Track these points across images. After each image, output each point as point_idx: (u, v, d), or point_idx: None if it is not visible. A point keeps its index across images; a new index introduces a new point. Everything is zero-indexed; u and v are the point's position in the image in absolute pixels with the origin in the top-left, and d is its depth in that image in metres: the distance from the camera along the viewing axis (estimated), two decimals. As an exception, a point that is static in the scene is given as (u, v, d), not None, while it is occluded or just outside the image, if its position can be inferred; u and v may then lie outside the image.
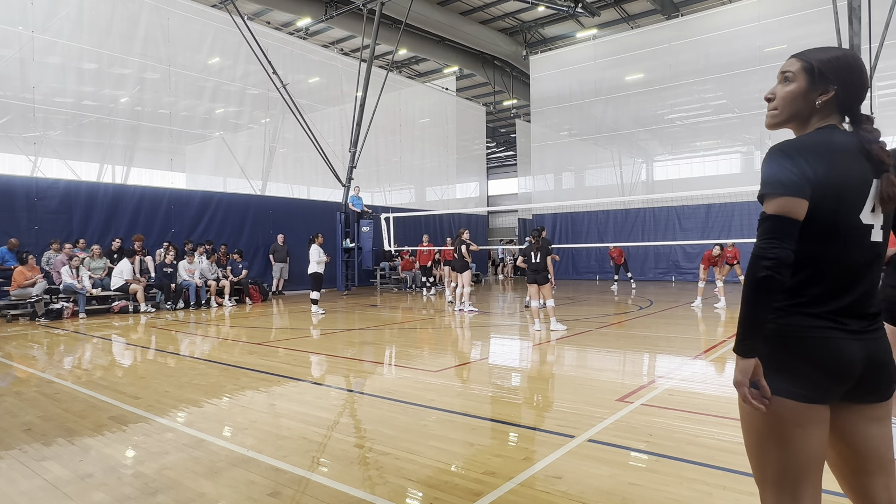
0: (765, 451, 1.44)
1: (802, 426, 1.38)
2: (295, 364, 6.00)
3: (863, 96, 1.48)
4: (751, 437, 1.47)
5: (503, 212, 34.11)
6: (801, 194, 1.37)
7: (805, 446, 1.39)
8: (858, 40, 10.49)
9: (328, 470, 3.01)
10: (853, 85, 1.47)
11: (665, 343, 7.27)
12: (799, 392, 1.38)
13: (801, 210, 1.37)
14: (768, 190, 1.40)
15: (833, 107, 1.48)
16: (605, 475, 2.86)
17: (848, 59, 1.48)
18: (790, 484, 1.41)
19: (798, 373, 1.38)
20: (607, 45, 21.37)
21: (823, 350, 1.38)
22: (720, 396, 4.49)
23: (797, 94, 1.50)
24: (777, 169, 1.40)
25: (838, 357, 1.37)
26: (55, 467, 3.06)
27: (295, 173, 19.32)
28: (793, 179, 1.37)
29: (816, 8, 15.26)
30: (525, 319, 9.72)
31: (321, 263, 11.15)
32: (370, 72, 16.10)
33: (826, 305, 1.39)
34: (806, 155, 1.39)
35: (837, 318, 1.39)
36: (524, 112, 28.70)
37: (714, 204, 18.83)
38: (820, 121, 1.50)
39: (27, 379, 5.38)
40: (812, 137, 1.46)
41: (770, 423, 1.41)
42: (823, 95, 1.47)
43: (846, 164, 1.40)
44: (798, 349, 1.39)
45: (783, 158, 1.40)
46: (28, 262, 10.23)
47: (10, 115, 12.62)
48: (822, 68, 1.47)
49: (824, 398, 1.40)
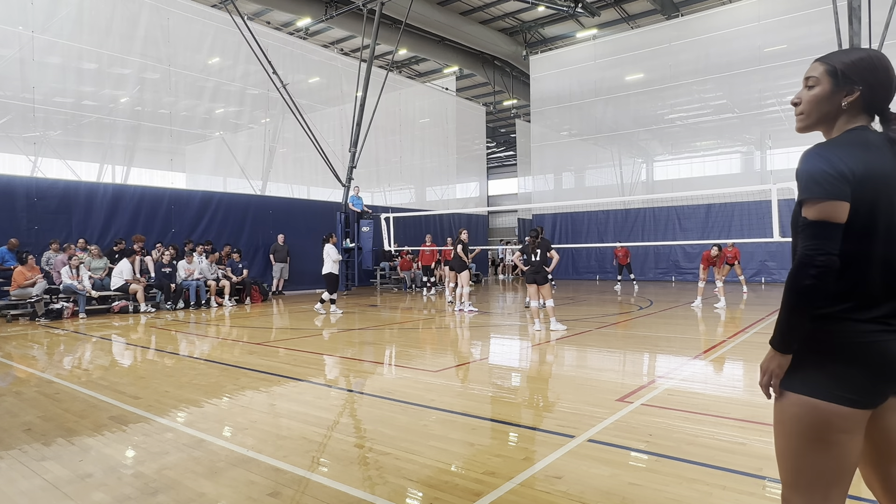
0: (803, 455, 1.42)
1: (849, 431, 1.38)
2: (295, 364, 6.00)
3: (891, 95, 1.48)
4: (789, 441, 1.45)
5: (503, 212, 34.11)
6: (842, 196, 1.36)
7: (846, 451, 1.39)
8: (858, 40, 10.49)
9: (328, 470, 3.01)
10: (879, 85, 1.47)
11: (665, 343, 7.27)
12: (848, 397, 1.37)
13: (843, 213, 1.36)
14: (808, 195, 1.39)
15: (860, 107, 1.49)
16: (605, 475, 2.86)
17: (872, 60, 1.48)
18: (824, 487, 1.41)
19: (851, 378, 1.37)
20: (607, 45, 21.37)
21: (874, 355, 1.37)
22: (720, 396, 4.49)
23: (822, 97, 1.52)
24: (816, 172, 1.38)
25: (890, 361, 1.37)
26: (55, 467, 3.06)
27: (295, 173, 19.32)
28: (832, 182, 1.36)
29: (816, 8, 15.27)
30: (525, 319, 9.72)
31: (336, 263, 11.11)
32: (370, 72, 16.10)
33: (874, 309, 1.39)
34: (843, 155, 1.39)
35: (885, 322, 1.38)
36: (524, 112, 28.71)
37: (714, 204, 18.83)
38: (848, 122, 1.50)
39: (27, 379, 5.38)
40: (845, 138, 1.47)
41: (817, 428, 1.39)
42: (849, 97, 1.48)
43: (881, 163, 1.41)
44: (850, 355, 1.38)
45: (820, 161, 1.39)
46: (28, 262, 10.23)
47: (10, 115, 12.63)
48: (845, 70, 1.48)
49: (875, 402, 1.39)
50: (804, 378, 1.42)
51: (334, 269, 11.04)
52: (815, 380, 1.40)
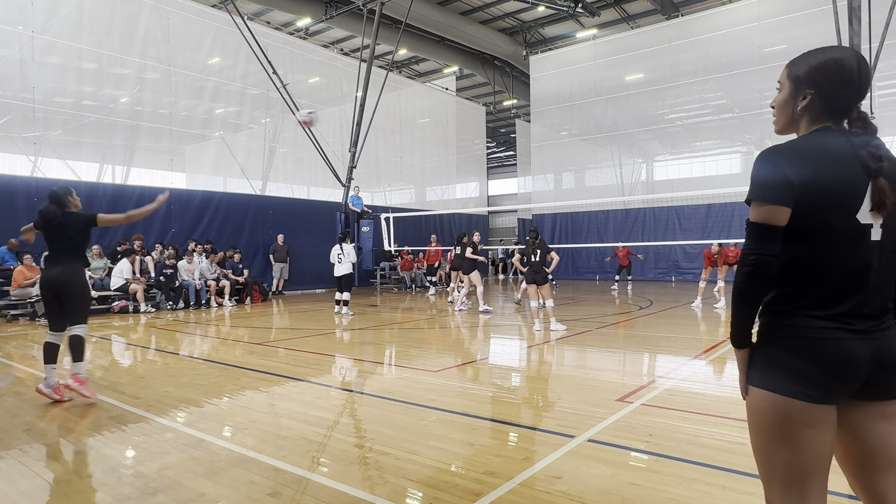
0: (772, 450, 1.44)
1: (811, 426, 1.39)
2: (295, 364, 6.00)
3: (848, 97, 1.47)
4: (758, 437, 1.48)
5: (503, 212, 34.10)
6: (782, 202, 1.39)
7: (813, 446, 1.40)
8: (858, 40, 10.48)
9: (328, 470, 3.01)
10: (833, 88, 1.47)
11: (665, 343, 7.27)
12: (807, 392, 1.39)
13: (782, 217, 1.40)
14: (751, 197, 1.46)
15: (817, 110, 1.50)
16: (605, 475, 2.86)
17: (828, 63, 1.47)
18: (797, 483, 1.42)
19: (805, 373, 1.39)
20: (607, 45, 21.37)
21: (829, 351, 1.38)
22: (720, 396, 4.49)
23: (784, 102, 1.57)
24: (760, 175, 1.44)
25: (844, 358, 1.38)
26: (55, 467, 3.06)
27: (295, 173, 19.32)
28: (773, 187, 1.40)
29: (816, 8, 15.25)
30: (523, 319, 9.72)
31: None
32: (370, 72, 16.09)
33: (829, 307, 1.40)
34: (790, 159, 1.41)
35: (842, 319, 1.39)
36: (524, 112, 28.70)
37: (714, 204, 18.82)
38: (810, 124, 1.52)
39: (27, 379, 5.38)
40: (802, 141, 1.49)
41: (779, 422, 1.42)
42: (803, 101, 1.51)
43: (835, 166, 1.40)
44: (804, 350, 1.40)
45: (766, 164, 1.43)
46: (27, 262, 10.23)
47: (10, 115, 12.63)
48: (800, 74, 1.52)
49: (832, 399, 1.40)
50: (763, 372, 1.46)
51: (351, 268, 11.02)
52: (772, 374, 1.43)
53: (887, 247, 1.42)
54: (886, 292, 1.44)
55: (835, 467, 1.57)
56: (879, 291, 1.42)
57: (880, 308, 1.43)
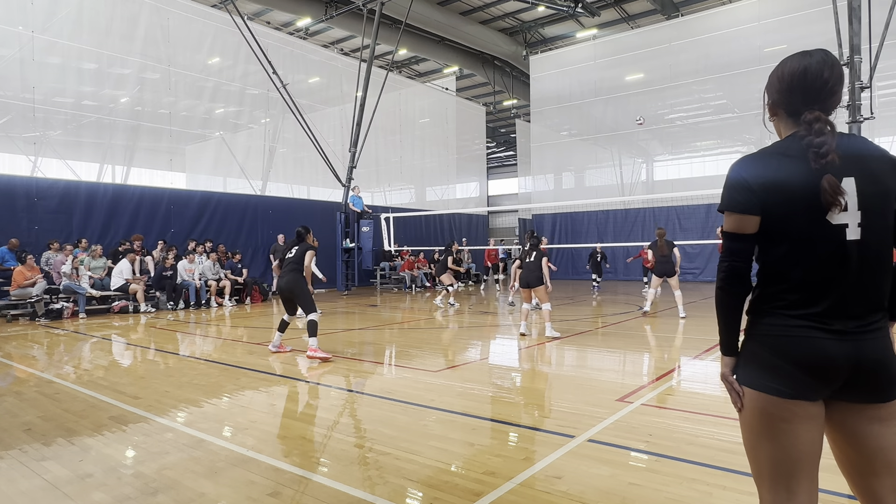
0: (757, 446, 1.48)
1: (788, 421, 1.42)
2: (295, 364, 6.00)
3: (796, 101, 1.49)
4: (744, 433, 1.53)
5: (503, 212, 34.11)
6: (748, 210, 1.45)
7: (793, 442, 1.41)
8: (858, 40, 10.47)
9: (328, 470, 3.01)
10: (781, 95, 1.53)
11: (665, 343, 7.27)
12: (781, 389, 1.42)
13: (750, 225, 1.46)
14: (720, 206, 1.53)
15: (785, 119, 1.55)
16: (605, 475, 2.86)
17: (778, 71, 1.54)
18: (783, 479, 1.44)
19: (780, 370, 1.42)
20: (607, 45, 21.36)
21: (801, 349, 1.40)
22: (720, 396, 4.49)
23: (769, 113, 1.62)
24: (728, 185, 1.50)
25: (817, 356, 1.39)
26: (55, 467, 3.06)
27: (295, 173, 19.32)
28: (736, 196, 1.47)
29: (816, 8, 15.25)
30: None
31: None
32: (370, 72, 16.10)
33: (805, 307, 1.42)
34: (754, 167, 1.46)
35: (818, 319, 1.40)
36: (524, 112, 28.70)
37: (714, 204, 18.78)
38: (785, 131, 1.56)
39: (27, 379, 5.38)
40: (769, 148, 1.52)
41: (759, 418, 1.46)
42: (769, 111, 1.59)
43: (793, 171, 1.42)
44: (778, 348, 1.43)
45: (732, 174, 1.50)
46: (27, 262, 10.23)
47: (10, 115, 12.63)
48: (766, 86, 1.59)
49: (809, 395, 1.41)
50: (744, 369, 1.51)
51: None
52: (751, 371, 1.49)
53: (872, 246, 1.40)
54: (874, 292, 1.43)
55: (834, 467, 1.57)
56: (864, 291, 1.41)
57: (866, 308, 1.41)
